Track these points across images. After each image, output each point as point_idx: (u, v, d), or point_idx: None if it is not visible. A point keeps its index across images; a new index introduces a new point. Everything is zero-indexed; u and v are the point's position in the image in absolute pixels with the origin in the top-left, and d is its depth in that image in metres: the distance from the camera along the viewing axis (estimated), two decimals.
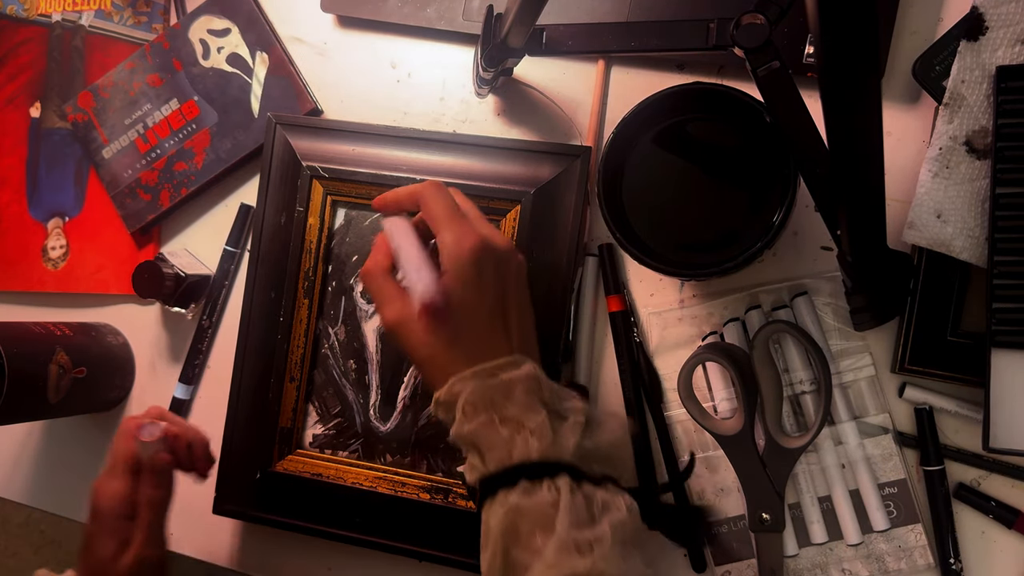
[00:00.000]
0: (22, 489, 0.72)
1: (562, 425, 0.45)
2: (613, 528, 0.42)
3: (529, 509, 0.42)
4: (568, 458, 0.44)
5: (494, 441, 0.44)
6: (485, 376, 0.44)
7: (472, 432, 0.44)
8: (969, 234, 0.50)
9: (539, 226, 0.57)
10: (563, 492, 0.42)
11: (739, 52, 0.46)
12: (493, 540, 0.43)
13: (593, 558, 0.40)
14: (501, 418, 0.44)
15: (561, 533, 0.41)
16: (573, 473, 0.44)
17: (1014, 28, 0.49)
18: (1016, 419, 0.48)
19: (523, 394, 0.44)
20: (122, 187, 0.69)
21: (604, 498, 0.44)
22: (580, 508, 0.42)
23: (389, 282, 0.47)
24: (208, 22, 0.67)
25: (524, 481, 0.43)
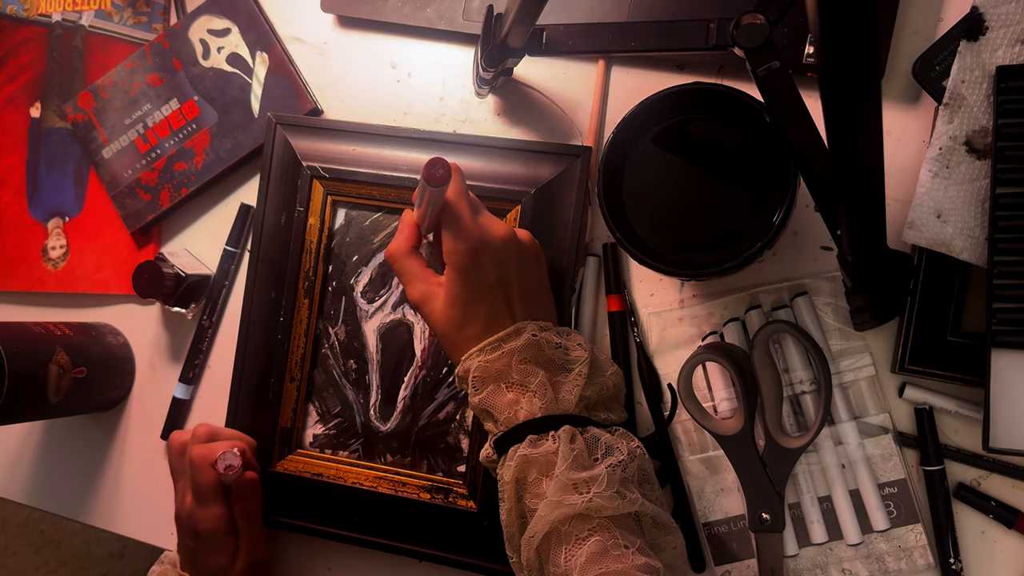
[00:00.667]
0: (22, 489, 0.72)
1: (565, 380, 0.50)
2: (611, 468, 0.47)
3: (535, 458, 0.48)
4: (571, 409, 0.49)
5: (501, 405, 0.50)
6: (489, 351, 0.50)
7: (482, 401, 0.50)
8: (969, 234, 0.50)
9: (539, 226, 0.57)
10: (562, 440, 0.47)
11: (739, 52, 0.46)
12: (508, 491, 0.49)
13: (590, 496, 0.45)
14: (507, 384, 0.50)
15: (560, 475, 0.46)
16: (576, 422, 0.49)
17: (1014, 28, 0.49)
18: (1016, 419, 0.48)
19: (523, 361, 0.49)
20: (122, 187, 0.69)
21: (608, 442, 0.49)
22: (581, 453, 0.47)
23: (414, 261, 0.52)
24: (208, 22, 0.67)
25: (531, 435, 0.48)
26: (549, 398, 0.49)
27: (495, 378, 0.50)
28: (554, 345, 0.50)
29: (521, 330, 0.50)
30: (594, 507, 0.45)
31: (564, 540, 0.46)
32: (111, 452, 0.69)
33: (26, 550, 1.63)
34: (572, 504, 0.45)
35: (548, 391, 0.49)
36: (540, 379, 0.49)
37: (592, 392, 0.51)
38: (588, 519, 0.46)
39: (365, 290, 0.62)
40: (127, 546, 1.60)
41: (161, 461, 0.68)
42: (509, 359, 0.49)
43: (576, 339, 0.52)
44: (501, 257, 0.50)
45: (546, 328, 0.51)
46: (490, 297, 0.50)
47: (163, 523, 0.67)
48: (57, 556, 1.62)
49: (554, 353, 0.50)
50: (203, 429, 0.60)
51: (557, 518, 0.46)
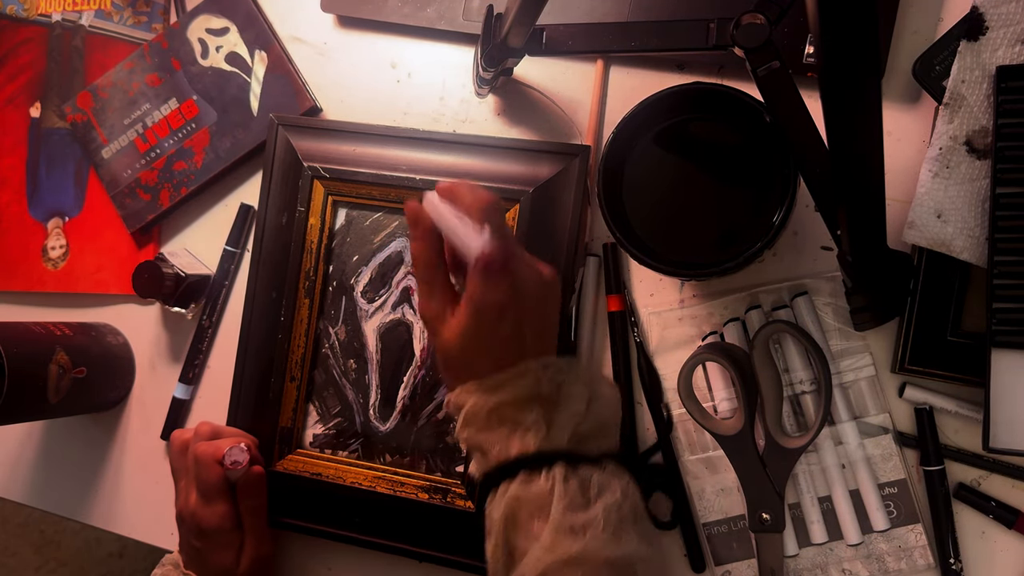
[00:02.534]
0: (22, 489, 0.72)
1: (561, 415, 0.48)
2: (607, 510, 0.45)
3: (527, 497, 0.46)
4: (564, 446, 0.47)
5: (494, 440, 0.48)
6: (488, 390, 0.47)
7: (472, 436, 0.48)
8: (969, 234, 0.50)
9: (538, 225, 0.57)
10: (557, 480, 0.45)
11: (739, 52, 0.46)
12: (496, 529, 0.47)
13: (585, 540, 0.44)
14: (499, 419, 0.48)
15: (556, 517, 0.44)
16: (569, 459, 0.46)
17: (1014, 28, 0.49)
18: (1016, 419, 0.48)
19: (521, 400, 0.47)
20: (122, 187, 0.69)
21: (600, 480, 0.47)
22: (574, 493, 0.45)
23: (439, 273, 0.49)
24: (206, 21, 0.67)
25: (523, 472, 0.46)
26: (543, 435, 0.47)
27: (489, 414, 0.48)
28: (555, 384, 0.48)
29: (525, 372, 0.47)
30: (589, 551, 0.43)
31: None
32: (111, 452, 0.69)
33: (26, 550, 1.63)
34: (568, 548, 0.43)
35: (543, 427, 0.47)
36: (535, 416, 0.47)
37: (588, 426, 0.48)
38: (581, 563, 0.44)
39: (365, 290, 0.62)
40: (127, 546, 1.60)
41: (161, 461, 0.68)
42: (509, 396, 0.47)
43: (576, 372, 0.49)
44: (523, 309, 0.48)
45: (548, 365, 0.48)
46: (502, 345, 0.48)
47: (163, 523, 0.67)
48: (57, 556, 1.62)
49: (552, 390, 0.48)
50: (205, 427, 0.60)
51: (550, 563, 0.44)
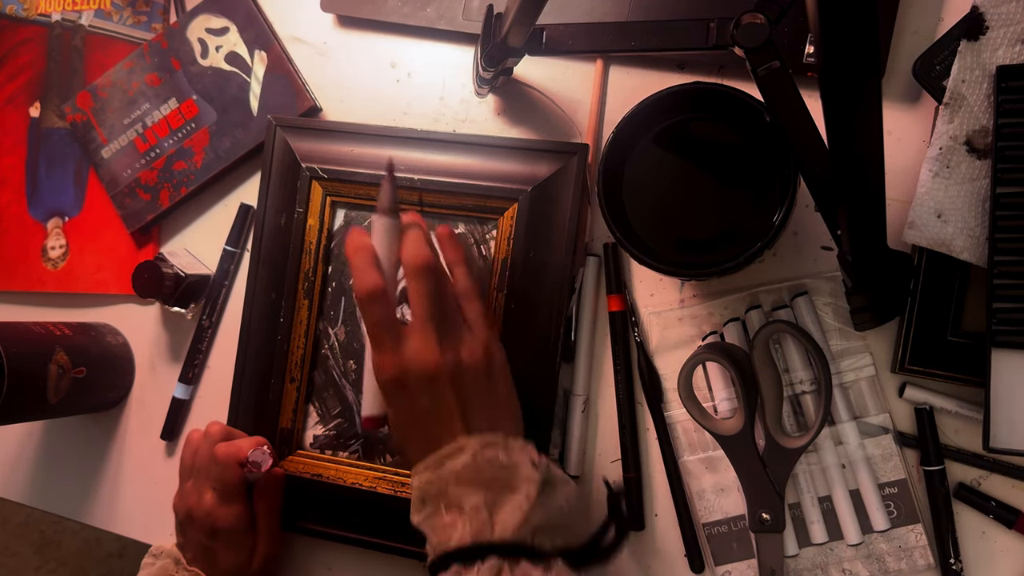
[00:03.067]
0: (22, 489, 0.72)
1: (508, 501, 0.46)
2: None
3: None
4: (508, 536, 0.45)
5: (438, 527, 0.47)
6: (432, 467, 0.47)
7: (422, 522, 0.48)
8: (969, 234, 0.50)
9: (536, 224, 0.57)
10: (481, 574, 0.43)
11: (739, 52, 0.46)
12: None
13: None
14: (447, 504, 0.47)
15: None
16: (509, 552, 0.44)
17: (1014, 28, 0.49)
18: (1016, 419, 0.48)
19: (461, 483, 0.46)
20: (121, 187, 0.69)
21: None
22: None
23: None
24: (206, 21, 0.67)
25: (455, 565, 0.44)
26: (480, 523, 0.45)
27: (436, 497, 0.47)
28: (498, 465, 0.46)
29: (462, 448, 0.47)
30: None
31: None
32: (111, 452, 0.69)
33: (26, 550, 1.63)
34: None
35: (481, 516, 0.45)
36: (474, 502, 0.45)
37: (540, 516, 0.46)
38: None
39: None
40: (127, 546, 1.60)
41: (161, 461, 0.68)
42: (447, 481, 0.46)
43: (529, 454, 0.48)
44: (427, 387, 0.48)
45: (491, 444, 0.47)
46: (423, 420, 0.48)
47: (163, 523, 0.67)
48: (57, 556, 1.62)
49: (498, 472, 0.46)
50: (216, 428, 0.60)
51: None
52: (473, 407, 0.49)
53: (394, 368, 0.48)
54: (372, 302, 0.48)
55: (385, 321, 0.49)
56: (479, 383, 0.50)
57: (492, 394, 0.50)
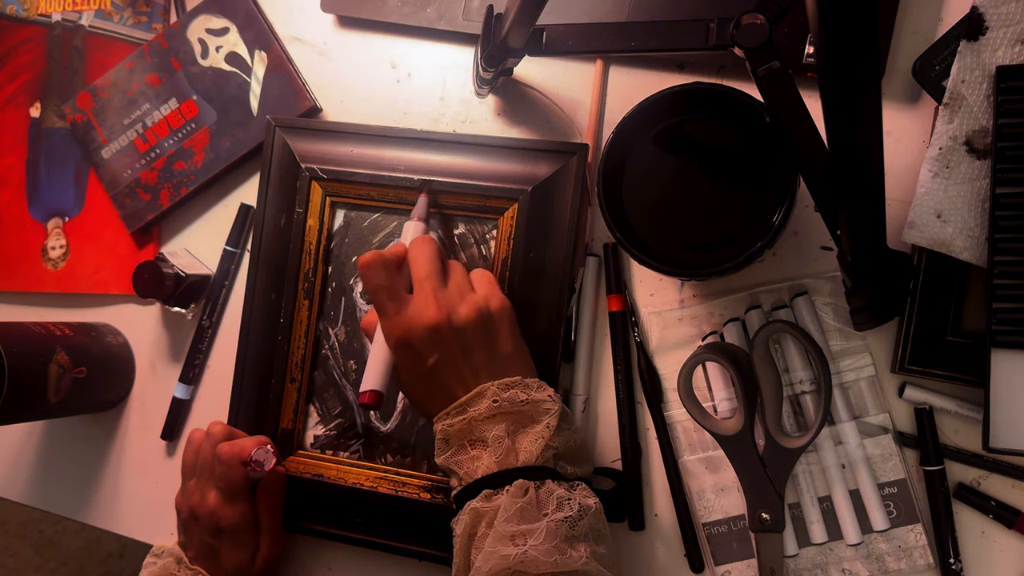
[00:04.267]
0: (22, 489, 0.72)
1: (531, 431, 0.49)
2: (555, 523, 0.46)
3: (485, 512, 0.47)
4: (532, 461, 0.48)
5: (464, 462, 0.50)
6: (453, 414, 0.50)
7: (447, 460, 0.51)
8: (969, 234, 0.50)
9: (536, 223, 0.57)
10: (510, 494, 0.47)
11: (739, 52, 0.46)
12: (458, 546, 0.49)
13: (525, 548, 0.44)
14: (470, 441, 0.50)
15: (499, 526, 0.46)
16: (534, 474, 0.48)
17: (1014, 28, 0.49)
18: (1016, 419, 0.48)
19: (486, 419, 0.49)
20: (122, 187, 0.69)
21: (561, 496, 0.48)
22: (528, 507, 0.46)
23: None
24: (206, 21, 0.67)
25: (486, 490, 0.48)
26: (505, 451, 0.48)
27: (459, 437, 0.50)
28: (520, 402, 0.50)
29: (483, 393, 0.50)
30: (529, 560, 0.44)
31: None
32: (111, 452, 0.69)
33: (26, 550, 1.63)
34: (506, 555, 0.44)
35: (505, 444, 0.48)
36: (497, 433, 0.49)
37: (560, 443, 0.50)
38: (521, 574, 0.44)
39: (364, 291, 0.62)
40: (127, 546, 1.60)
41: (161, 461, 0.68)
42: (474, 419, 0.49)
43: (546, 392, 0.51)
44: (434, 340, 0.50)
45: (512, 385, 0.50)
46: (431, 380, 0.51)
47: (163, 523, 0.67)
48: (57, 556, 1.62)
49: (520, 408, 0.50)
50: (218, 427, 0.60)
51: (491, 572, 0.44)
52: (480, 356, 0.51)
53: (399, 329, 0.51)
54: (370, 267, 0.51)
55: (387, 285, 0.51)
56: (483, 333, 0.51)
57: (498, 342, 0.52)
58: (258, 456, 0.57)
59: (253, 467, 0.57)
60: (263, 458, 0.57)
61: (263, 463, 0.57)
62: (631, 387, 0.58)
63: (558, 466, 0.49)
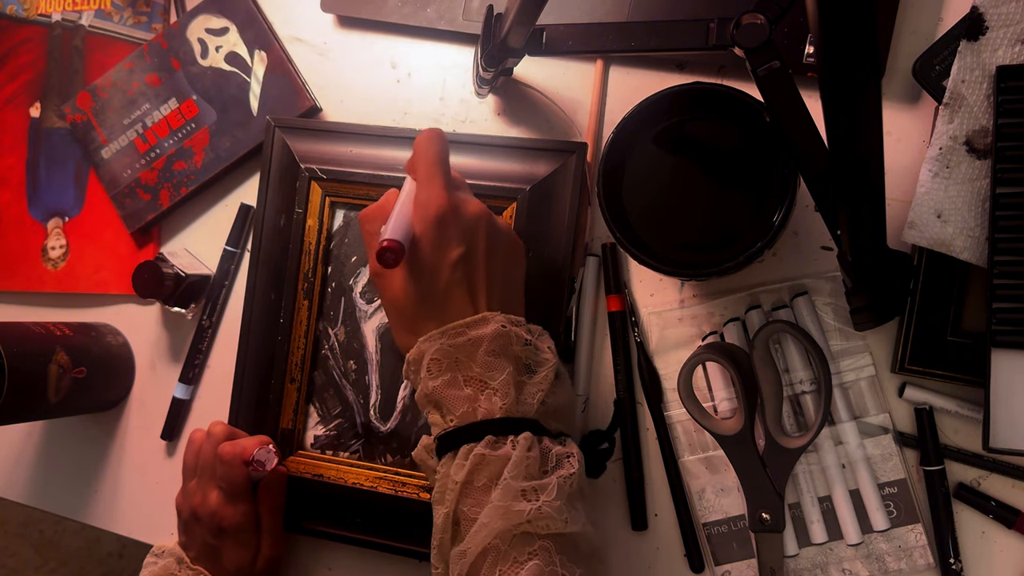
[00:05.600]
0: (22, 489, 0.72)
1: (530, 381, 0.47)
2: (562, 480, 0.44)
3: (491, 461, 0.44)
4: (532, 414, 0.46)
5: (458, 399, 0.46)
6: (452, 335, 0.46)
7: (436, 389, 0.46)
8: (969, 234, 0.50)
9: (535, 222, 0.57)
10: (520, 446, 0.44)
11: (739, 52, 0.46)
12: (452, 495, 0.45)
13: (538, 504, 0.43)
14: (465, 378, 0.46)
15: (509, 480, 0.43)
16: (536, 429, 0.46)
17: (1014, 28, 0.49)
18: (1016, 419, 0.48)
19: (488, 353, 0.46)
20: (122, 187, 0.69)
21: (559, 452, 0.46)
22: (534, 462, 0.44)
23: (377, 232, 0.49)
24: (206, 21, 0.67)
25: (489, 436, 0.45)
26: (512, 399, 0.45)
27: (454, 367, 0.46)
28: (523, 342, 0.47)
29: (489, 319, 0.46)
30: (543, 517, 0.43)
31: (501, 560, 0.42)
32: (111, 452, 0.69)
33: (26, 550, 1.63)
34: (520, 511, 0.42)
35: (511, 391, 0.45)
36: (505, 376, 0.45)
37: (553, 400, 0.48)
38: (530, 539, 0.43)
39: (364, 290, 0.62)
40: (127, 546, 1.60)
41: (161, 461, 0.68)
42: (475, 348, 0.46)
43: (547, 341, 0.49)
44: (470, 233, 0.47)
45: (517, 323, 0.47)
46: (451, 273, 0.46)
47: (163, 523, 0.67)
48: (57, 556, 1.62)
49: (522, 351, 0.47)
50: (219, 427, 0.60)
51: (500, 530, 0.42)
52: (500, 276, 0.48)
53: (447, 202, 0.46)
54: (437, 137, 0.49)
55: (443, 157, 0.48)
56: (507, 252, 0.49)
57: (512, 270, 0.50)
58: (260, 456, 0.57)
59: (255, 467, 0.57)
60: (265, 458, 0.57)
61: (265, 463, 0.57)
62: (631, 387, 0.58)
63: (547, 422, 0.47)
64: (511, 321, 0.47)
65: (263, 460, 0.57)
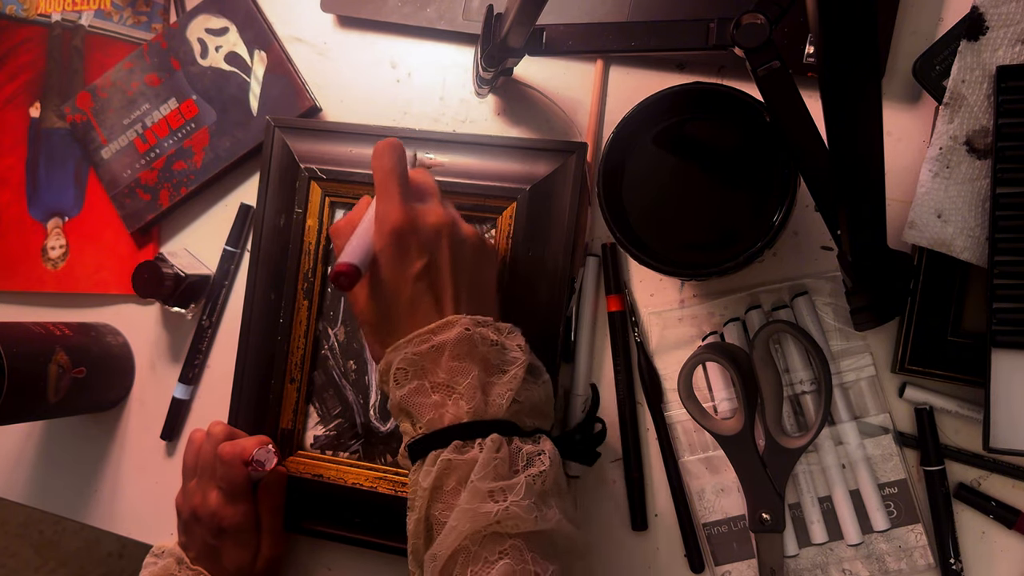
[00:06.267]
0: (22, 489, 0.72)
1: (498, 381, 0.47)
2: (531, 479, 0.44)
3: (458, 465, 0.44)
4: (501, 415, 0.46)
5: (425, 406, 0.46)
6: (417, 343, 0.46)
7: (403, 398, 0.47)
8: (969, 234, 0.50)
9: (535, 222, 0.57)
10: (487, 449, 0.44)
11: (739, 52, 0.46)
12: (421, 500, 0.45)
13: (505, 504, 0.43)
14: (432, 384, 0.46)
15: (476, 483, 0.43)
16: (504, 429, 0.46)
17: (1014, 28, 0.49)
18: (1016, 419, 0.48)
19: (452, 357, 0.46)
20: (121, 187, 0.69)
21: (530, 451, 0.46)
22: (502, 462, 0.44)
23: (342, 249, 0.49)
24: (206, 21, 0.67)
25: (456, 441, 0.45)
26: (478, 402, 0.45)
27: (420, 374, 0.46)
28: (490, 342, 0.47)
29: (453, 323, 0.46)
30: (511, 517, 0.43)
31: (472, 561, 0.42)
32: (111, 452, 0.69)
33: (26, 550, 1.63)
34: (487, 512, 0.42)
35: (477, 394, 0.45)
36: (470, 380, 0.45)
37: (525, 397, 0.47)
38: (501, 539, 0.43)
39: None
40: (127, 546, 1.60)
41: (161, 461, 0.68)
42: (439, 354, 0.46)
43: (516, 339, 0.48)
44: (431, 243, 0.47)
45: (483, 324, 0.47)
46: (414, 286, 0.46)
47: (163, 523, 0.67)
48: (57, 556, 1.62)
49: (489, 351, 0.47)
50: (218, 427, 0.60)
51: (469, 532, 0.43)
52: (465, 280, 0.48)
53: (403, 216, 0.47)
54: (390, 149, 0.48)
55: (399, 170, 0.48)
56: (475, 259, 0.49)
57: (483, 277, 0.50)
58: (259, 456, 0.57)
59: (255, 467, 0.57)
60: (264, 458, 0.57)
61: (264, 463, 0.57)
62: (631, 387, 0.58)
63: (519, 420, 0.47)
64: (476, 323, 0.47)
65: (263, 460, 0.57)
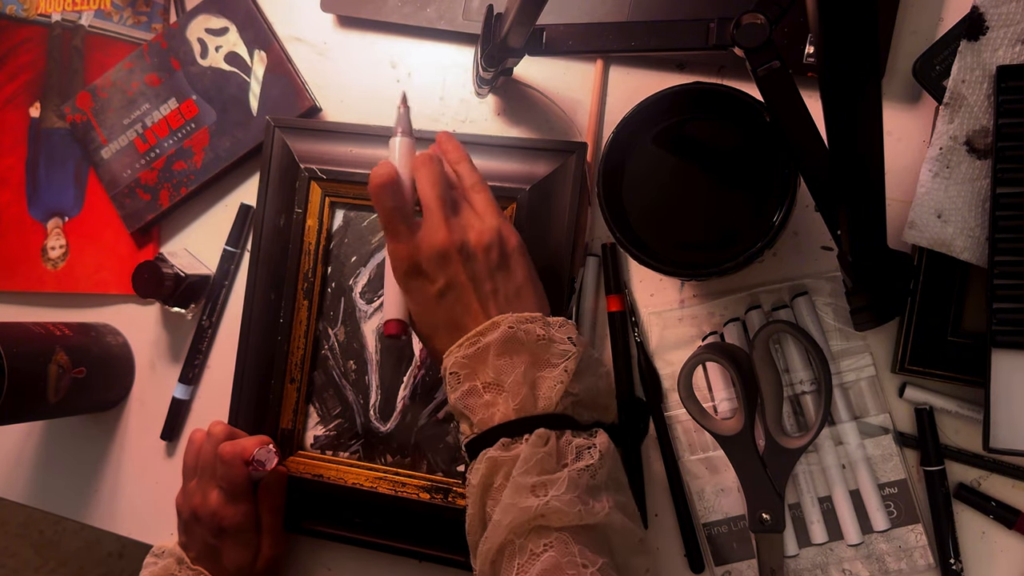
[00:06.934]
0: (22, 489, 0.72)
1: (548, 375, 0.47)
2: (576, 473, 0.44)
3: (504, 461, 0.45)
4: (552, 408, 0.46)
5: (477, 407, 0.47)
6: (466, 346, 0.47)
7: (457, 400, 0.48)
8: (970, 234, 0.50)
9: (535, 222, 0.57)
10: (530, 444, 0.45)
11: (739, 52, 0.46)
12: (473, 497, 0.46)
13: (547, 499, 0.43)
14: (484, 384, 0.47)
15: (517, 478, 0.44)
16: (555, 423, 0.46)
17: (1014, 28, 0.49)
18: (1016, 419, 0.48)
19: (499, 356, 0.47)
20: (121, 187, 0.69)
21: (580, 444, 0.46)
22: (548, 457, 0.45)
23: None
24: (206, 21, 0.67)
25: (503, 439, 0.46)
26: (523, 397, 0.46)
27: (471, 376, 0.47)
28: (536, 337, 0.47)
29: (498, 324, 0.47)
30: (552, 511, 0.43)
31: (518, 554, 0.43)
32: (111, 452, 0.69)
33: (26, 550, 1.63)
34: (527, 507, 0.43)
35: (523, 390, 0.46)
36: (515, 376, 0.46)
37: (580, 390, 0.47)
38: (547, 532, 0.43)
39: (364, 291, 0.62)
40: (127, 546, 1.60)
41: (161, 461, 0.68)
42: (486, 354, 0.47)
43: (567, 331, 0.48)
44: (442, 266, 0.48)
45: (530, 320, 0.47)
46: (442, 305, 0.48)
47: (163, 523, 0.67)
48: (57, 556, 1.62)
49: (536, 346, 0.47)
50: (219, 427, 0.60)
51: (512, 525, 0.43)
52: (489, 287, 0.48)
53: (408, 253, 0.48)
54: (384, 189, 0.48)
55: (399, 209, 0.49)
56: (493, 263, 0.49)
57: (509, 274, 0.49)
58: (260, 456, 0.57)
59: (255, 467, 0.57)
60: (265, 457, 0.57)
61: (265, 463, 0.57)
62: (631, 387, 0.58)
63: (576, 413, 0.47)
64: (522, 320, 0.47)
65: (263, 460, 0.57)
